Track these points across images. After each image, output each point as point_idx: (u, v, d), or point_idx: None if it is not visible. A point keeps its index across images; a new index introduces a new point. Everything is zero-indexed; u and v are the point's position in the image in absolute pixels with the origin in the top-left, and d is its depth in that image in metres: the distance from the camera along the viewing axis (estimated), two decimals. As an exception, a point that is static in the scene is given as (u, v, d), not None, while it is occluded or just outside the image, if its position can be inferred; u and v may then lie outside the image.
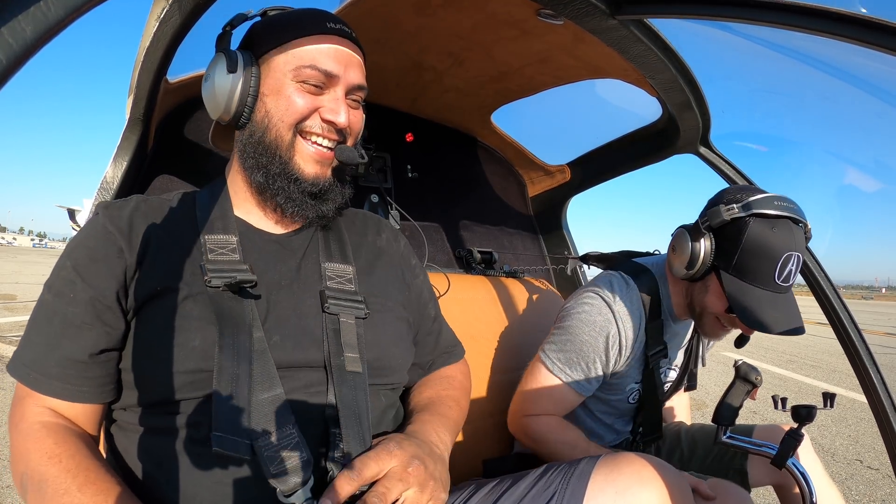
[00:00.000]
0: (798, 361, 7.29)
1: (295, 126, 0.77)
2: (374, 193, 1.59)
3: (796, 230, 1.01)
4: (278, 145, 0.77)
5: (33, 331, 0.69)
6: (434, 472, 0.70)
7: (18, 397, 0.69)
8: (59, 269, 0.71)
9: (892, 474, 2.96)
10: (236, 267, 0.73)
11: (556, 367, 1.17)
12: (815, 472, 1.14)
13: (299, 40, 0.77)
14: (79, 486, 0.60)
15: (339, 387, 0.74)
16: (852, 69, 0.91)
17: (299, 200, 0.79)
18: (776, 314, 1.00)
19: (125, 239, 0.72)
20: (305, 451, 0.67)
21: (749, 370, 1.08)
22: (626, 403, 1.26)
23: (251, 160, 0.79)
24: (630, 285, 1.19)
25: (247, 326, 0.71)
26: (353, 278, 0.84)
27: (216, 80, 0.77)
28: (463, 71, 1.44)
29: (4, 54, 0.26)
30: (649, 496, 0.72)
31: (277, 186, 0.78)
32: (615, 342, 1.14)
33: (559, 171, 1.96)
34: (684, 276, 1.11)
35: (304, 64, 0.76)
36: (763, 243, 1.00)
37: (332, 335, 0.77)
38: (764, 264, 1.00)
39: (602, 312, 1.14)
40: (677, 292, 1.21)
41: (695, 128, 1.37)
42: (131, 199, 0.78)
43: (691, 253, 1.08)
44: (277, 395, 0.69)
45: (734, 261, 1.03)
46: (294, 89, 0.76)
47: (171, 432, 0.67)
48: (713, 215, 1.06)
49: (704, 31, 1.02)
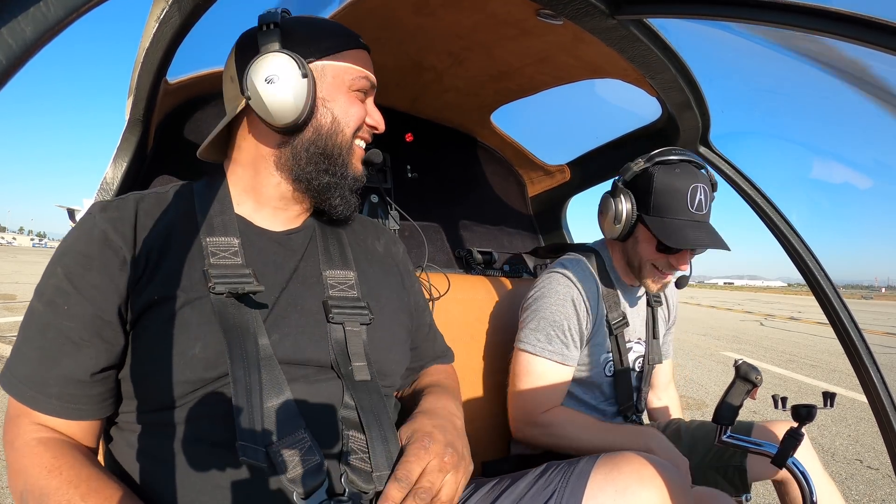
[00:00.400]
0: (798, 361, 7.29)
1: (354, 131, 0.82)
2: (374, 193, 1.59)
3: (698, 171, 1.19)
4: (342, 149, 0.81)
5: (25, 343, 0.66)
6: (463, 450, 0.75)
7: (13, 415, 0.67)
8: (50, 276, 0.68)
9: (892, 474, 2.96)
10: (239, 272, 0.72)
11: (536, 347, 1.23)
12: (812, 468, 1.14)
13: (350, 51, 0.81)
14: (82, 496, 0.59)
15: (354, 392, 0.74)
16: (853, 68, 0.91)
17: (347, 196, 0.84)
18: (698, 234, 1.14)
19: (129, 248, 0.69)
20: (318, 455, 0.67)
21: (749, 370, 1.09)
22: (603, 376, 1.32)
23: (312, 165, 0.80)
24: (579, 260, 1.32)
25: (252, 333, 0.70)
26: (355, 284, 0.84)
27: (288, 83, 0.73)
28: (463, 71, 1.44)
29: (4, 55, 0.26)
30: (649, 495, 0.72)
31: (338, 185, 0.82)
32: (581, 303, 1.24)
33: (559, 170, 1.96)
34: (617, 234, 1.25)
35: (361, 75, 0.82)
36: (670, 182, 1.17)
37: (338, 345, 0.77)
38: (676, 198, 1.15)
39: (561, 282, 1.26)
40: (618, 259, 1.35)
41: (694, 127, 1.37)
42: (129, 200, 0.75)
43: (615, 209, 1.23)
44: (287, 401, 0.69)
45: (651, 203, 1.19)
46: (352, 97, 0.81)
47: (171, 438, 0.67)
48: (624, 171, 1.25)
49: (704, 31, 1.02)
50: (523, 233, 2.10)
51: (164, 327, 0.67)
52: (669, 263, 1.22)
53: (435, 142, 1.86)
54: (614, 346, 1.31)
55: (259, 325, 0.71)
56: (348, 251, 0.88)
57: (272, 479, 0.65)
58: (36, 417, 0.66)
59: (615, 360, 1.32)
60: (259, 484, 0.65)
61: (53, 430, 0.67)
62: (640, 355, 1.40)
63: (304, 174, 0.80)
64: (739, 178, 1.37)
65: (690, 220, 1.15)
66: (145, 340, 0.68)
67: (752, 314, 18.58)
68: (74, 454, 0.65)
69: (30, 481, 0.61)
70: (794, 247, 1.32)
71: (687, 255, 1.21)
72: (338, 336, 0.77)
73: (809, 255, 1.31)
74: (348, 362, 0.76)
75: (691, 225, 1.15)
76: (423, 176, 1.76)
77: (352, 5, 1.10)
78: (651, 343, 1.42)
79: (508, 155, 2.03)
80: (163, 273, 0.70)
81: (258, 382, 0.68)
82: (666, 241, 1.15)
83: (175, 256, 0.72)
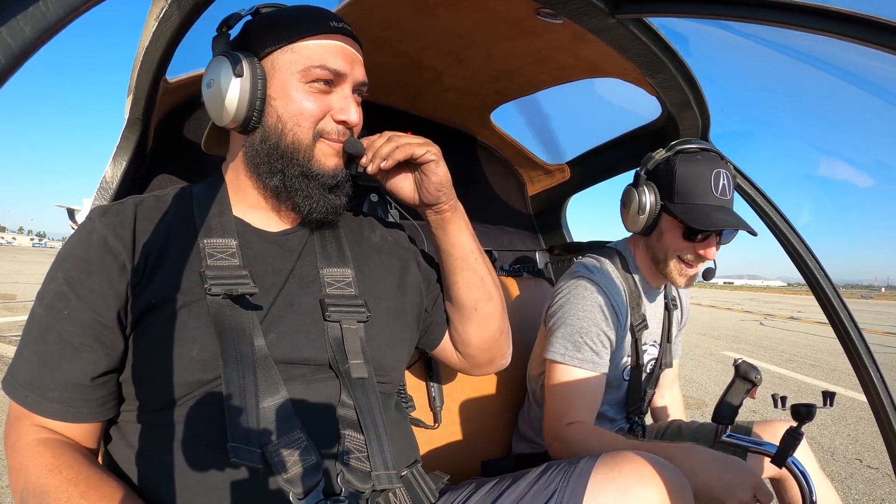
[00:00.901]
0: (797, 360, 7.29)
1: (314, 129, 0.76)
2: (374, 193, 1.59)
3: (719, 158, 1.19)
4: (296, 149, 0.76)
5: (27, 347, 0.67)
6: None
7: (14, 417, 0.67)
8: (50, 281, 0.68)
9: (891, 473, 2.96)
10: (236, 273, 0.72)
11: (566, 357, 1.18)
12: (809, 467, 1.14)
13: (305, 39, 0.75)
14: (81, 493, 0.59)
15: (352, 391, 0.74)
16: (853, 68, 0.91)
17: (317, 196, 0.78)
18: (723, 216, 1.13)
19: (128, 253, 0.69)
20: (315, 454, 0.67)
21: (749, 369, 1.09)
22: (621, 380, 1.30)
23: (264, 166, 0.77)
24: (602, 261, 1.30)
25: (248, 335, 0.70)
26: (352, 281, 0.84)
27: (222, 85, 0.73)
28: (462, 70, 1.44)
29: (3, 54, 0.26)
30: (650, 495, 0.72)
31: (296, 187, 0.77)
32: (609, 309, 1.20)
33: (559, 170, 1.96)
34: (641, 227, 1.23)
35: (314, 64, 0.74)
36: (693, 168, 1.17)
37: (335, 343, 0.77)
38: (700, 183, 1.15)
39: (588, 288, 1.21)
40: (641, 257, 1.32)
41: (694, 127, 1.37)
42: (128, 204, 0.75)
43: (639, 200, 1.22)
44: (283, 401, 0.69)
45: (675, 190, 1.18)
46: (304, 91, 0.75)
47: (170, 439, 0.67)
48: (646, 162, 1.25)
49: (704, 30, 1.02)
50: (523, 232, 2.10)
51: (162, 330, 0.67)
52: (696, 253, 1.19)
53: (435, 141, 1.84)
54: (633, 348, 1.28)
55: (255, 326, 0.71)
56: (346, 248, 0.88)
57: (269, 479, 0.65)
58: (37, 420, 0.67)
59: (631, 363, 1.29)
60: (256, 484, 0.65)
61: (54, 431, 0.67)
62: (653, 358, 1.38)
63: (260, 175, 0.78)
64: (739, 178, 1.37)
65: (716, 204, 1.14)
66: (144, 343, 0.68)
67: (751, 314, 18.58)
68: (74, 454, 0.65)
69: (30, 480, 0.61)
70: (793, 246, 1.32)
71: (713, 241, 1.18)
72: (335, 334, 0.77)
73: (809, 254, 1.31)
74: (345, 360, 0.76)
75: (717, 209, 1.13)
76: None
77: (351, 4, 1.10)
78: (664, 346, 1.39)
79: (508, 154, 2.03)
80: (161, 276, 0.70)
81: (253, 383, 0.68)
82: (693, 224, 1.13)
83: (173, 259, 0.72)
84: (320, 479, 0.66)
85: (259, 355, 0.70)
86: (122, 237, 0.70)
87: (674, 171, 1.18)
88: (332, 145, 0.79)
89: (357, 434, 0.73)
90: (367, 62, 0.84)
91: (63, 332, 0.66)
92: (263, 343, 0.71)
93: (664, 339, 1.39)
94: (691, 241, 1.18)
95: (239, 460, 0.63)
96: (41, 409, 0.66)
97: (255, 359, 0.69)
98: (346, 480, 0.69)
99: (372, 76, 0.84)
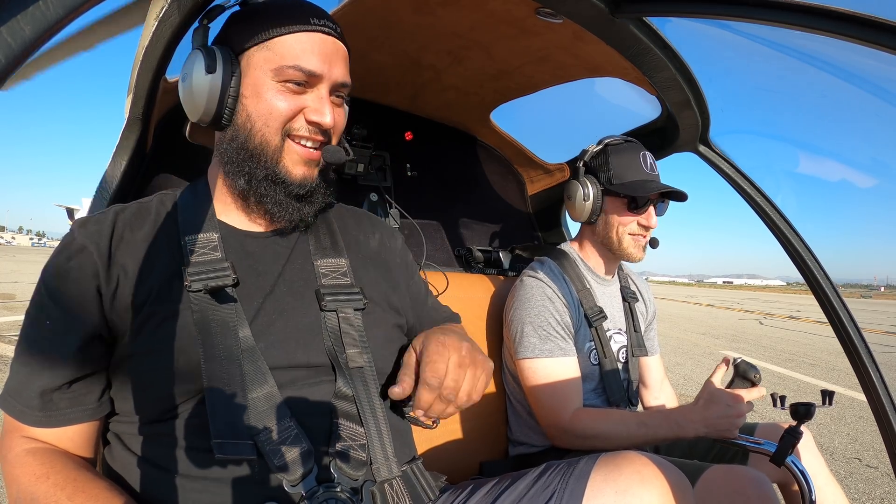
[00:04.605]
0: (797, 360, 7.30)
1: (283, 129, 0.74)
2: (374, 192, 1.59)
3: (641, 146, 1.36)
4: (264, 149, 0.74)
5: (16, 359, 0.69)
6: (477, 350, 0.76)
7: (6, 430, 0.69)
8: (35, 293, 0.70)
9: (891, 473, 2.97)
10: (217, 266, 0.71)
11: (536, 350, 1.24)
12: (818, 470, 1.14)
13: (282, 37, 0.72)
14: (68, 496, 0.61)
15: (351, 380, 0.74)
16: (853, 68, 0.91)
17: (285, 203, 0.76)
18: (657, 185, 1.30)
19: (103, 262, 0.69)
20: (306, 443, 0.68)
21: (748, 368, 1.09)
22: (590, 365, 1.35)
23: (232, 165, 0.75)
24: (544, 260, 1.40)
25: (232, 328, 0.69)
26: (347, 271, 0.83)
27: (194, 81, 0.72)
28: (462, 69, 1.44)
29: (3, 54, 0.26)
30: (650, 496, 0.71)
31: (262, 191, 0.75)
32: (556, 298, 1.30)
33: (558, 169, 1.96)
34: (588, 214, 1.36)
35: (287, 63, 0.71)
36: (624, 154, 1.34)
37: (332, 332, 0.77)
38: (632, 163, 1.32)
39: (533, 285, 1.33)
40: (590, 251, 1.45)
41: (694, 126, 1.37)
42: (109, 213, 0.75)
43: (583, 190, 1.35)
44: (271, 391, 0.69)
45: (612, 173, 1.33)
46: (276, 90, 0.73)
47: (168, 440, 0.67)
48: (581, 156, 1.42)
49: (704, 30, 1.02)
50: (523, 231, 2.10)
51: (149, 334, 0.68)
52: (640, 224, 1.34)
53: (434, 140, 1.85)
54: (595, 336, 1.36)
55: (240, 318, 0.71)
56: (339, 239, 0.87)
57: (262, 469, 0.65)
58: (26, 431, 0.69)
59: (598, 350, 1.36)
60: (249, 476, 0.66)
61: (43, 441, 0.69)
62: (623, 345, 1.44)
63: (228, 175, 0.77)
64: (739, 177, 1.37)
65: (648, 178, 1.31)
66: (131, 347, 0.68)
67: (751, 313, 18.59)
68: (63, 461, 0.66)
69: (21, 489, 0.63)
70: (793, 245, 1.32)
71: (652, 210, 1.34)
72: (332, 324, 0.77)
73: (809, 253, 1.31)
74: (343, 350, 0.76)
75: (650, 181, 1.31)
76: (423, 174, 1.76)
77: (351, 4, 1.10)
78: (632, 335, 1.46)
79: (508, 153, 2.03)
80: (143, 281, 0.70)
81: (239, 375, 0.68)
82: (634, 193, 1.29)
83: (155, 263, 0.71)
84: (313, 466, 0.67)
85: (245, 346, 0.69)
86: (98, 245, 0.70)
87: (608, 159, 1.35)
88: (300, 152, 0.75)
89: (355, 425, 0.73)
90: (366, 61, 0.83)
91: (44, 342, 0.67)
92: (249, 333, 0.70)
93: (630, 328, 1.47)
94: (634, 212, 1.32)
95: (224, 455, 0.63)
96: (26, 419, 0.68)
97: (241, 350, 0.69)
98: (339, 467, 0.69)
99: (371, 75, 0.84)
